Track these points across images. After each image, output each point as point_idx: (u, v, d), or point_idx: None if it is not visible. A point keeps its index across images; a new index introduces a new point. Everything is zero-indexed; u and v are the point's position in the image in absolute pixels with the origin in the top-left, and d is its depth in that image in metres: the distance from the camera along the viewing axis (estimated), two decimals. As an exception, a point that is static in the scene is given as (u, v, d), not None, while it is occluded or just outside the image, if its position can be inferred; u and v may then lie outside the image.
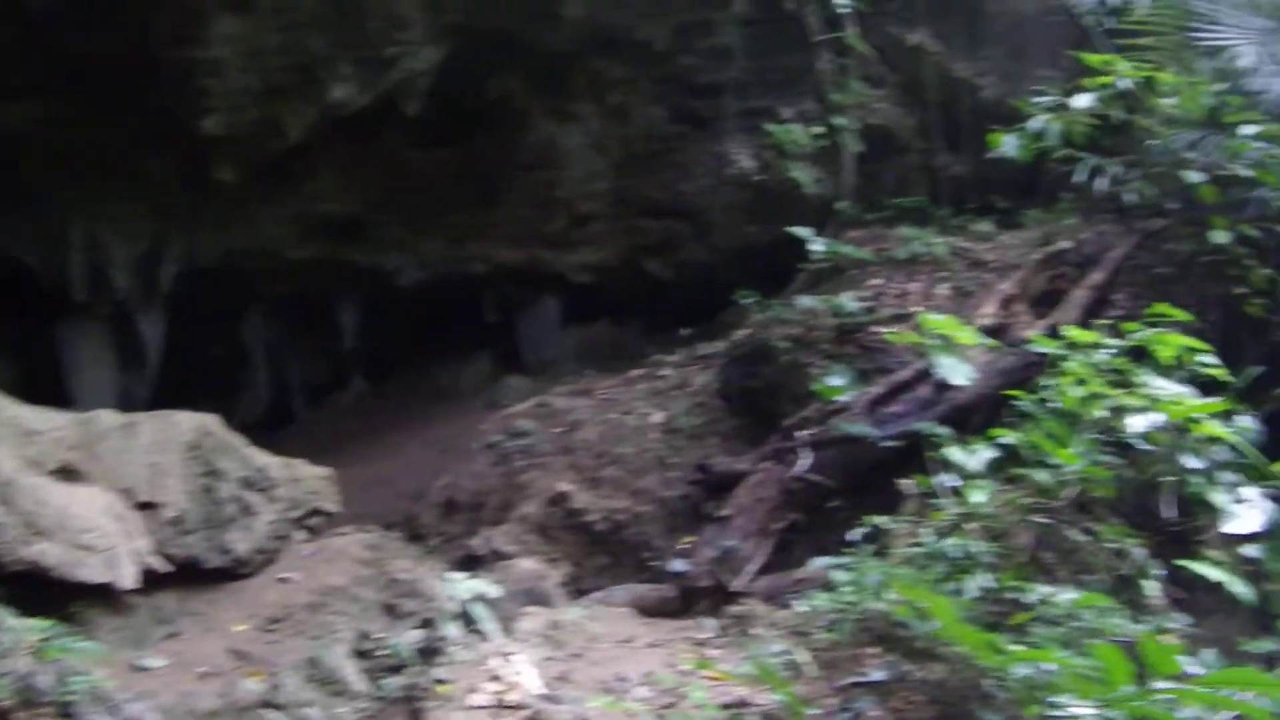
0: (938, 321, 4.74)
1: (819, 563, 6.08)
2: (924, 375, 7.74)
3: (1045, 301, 9.50)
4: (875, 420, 7.84)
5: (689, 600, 7.47)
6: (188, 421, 6.20)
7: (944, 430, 7.45)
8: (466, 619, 5.67)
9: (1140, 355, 4.59)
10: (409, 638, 5.34)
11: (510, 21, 9.81)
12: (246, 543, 6.08)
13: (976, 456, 4.59)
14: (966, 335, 4.63)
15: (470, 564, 8.19)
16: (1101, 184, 7.89)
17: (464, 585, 5.57)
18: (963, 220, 11.14)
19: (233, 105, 9.13)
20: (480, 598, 5.66)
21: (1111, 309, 8.25)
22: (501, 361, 12.56)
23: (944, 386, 8.04)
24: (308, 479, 6.63)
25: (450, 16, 9.51)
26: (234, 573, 6.06)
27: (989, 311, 9.09)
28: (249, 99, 9.18)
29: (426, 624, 5.62)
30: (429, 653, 5.39)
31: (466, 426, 10.67)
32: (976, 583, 4.31)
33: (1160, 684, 2.91)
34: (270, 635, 5.66)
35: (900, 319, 8.97)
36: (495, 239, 11.48)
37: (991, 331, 8.54)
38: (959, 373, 4.88)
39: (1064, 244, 10.11)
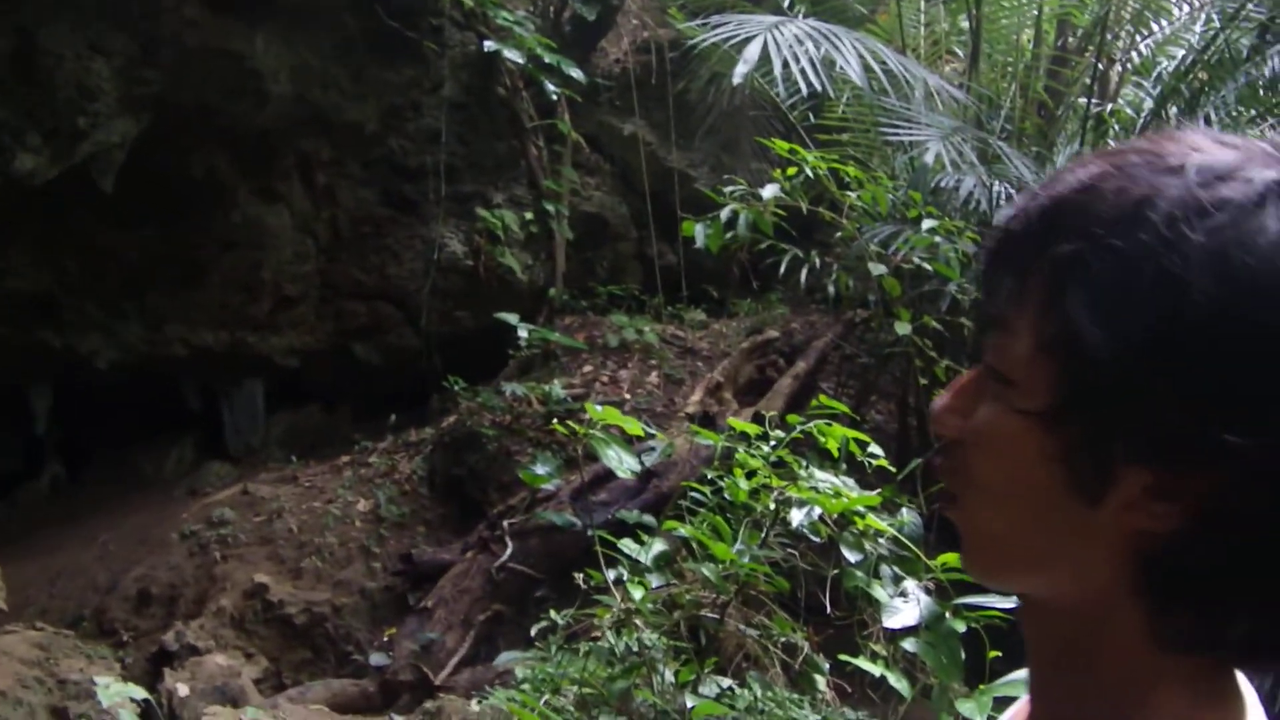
0: (601, 412, 4.64)
1: (506, 656, 5.95)
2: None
3: (753, 389, 9.72)
4: (581, 509, 7.83)
5: (389, 695, 7.25)
6: None
7: (649, 518, 7.47)
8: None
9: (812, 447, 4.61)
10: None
11: (212, 97, 9.43)
12: (-112, 650, 5.48)
13: (647, 550, 4.51)
14: (632, 425, 4.55)
15: (162, 660, 7.82)
16: (804, 275, 8.07)
17: (113, 690, 5.15)
18: (676, 308, 11.28)
19: (-96, 172, 8.39)
20: (131, 701, 5.24)
21: (817, 397, 8.43)
22: (205, 447, 11.96)
23: (650, 475, 8.07)
24: (-33, 576, 6.06)
25: (145, 88, 9.04)
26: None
27: (697, 399, 9.25)
28: (-76, 166, 8.45)
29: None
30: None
31: (166, 515, 10.17)
32: (659, 679, 4.20)
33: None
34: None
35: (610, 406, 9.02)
36: (197, 321, 10.96)
37: (698, 418, 8.65)
38: (624, 464, 4.80)
39: (772, 333, 10.37)
